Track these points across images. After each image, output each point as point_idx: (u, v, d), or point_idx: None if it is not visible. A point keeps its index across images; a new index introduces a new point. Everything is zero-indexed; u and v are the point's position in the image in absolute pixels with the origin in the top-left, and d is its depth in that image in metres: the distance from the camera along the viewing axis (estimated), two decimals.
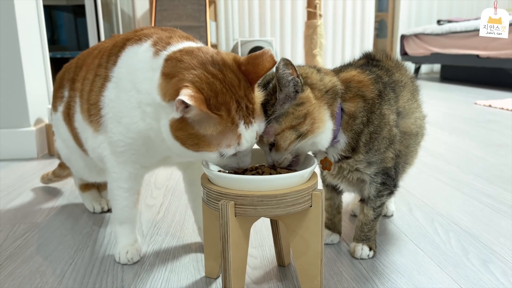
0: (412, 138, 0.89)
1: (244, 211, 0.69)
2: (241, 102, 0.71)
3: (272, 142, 0.77)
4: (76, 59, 1.06)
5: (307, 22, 3.51)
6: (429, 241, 0.99)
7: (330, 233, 0.98)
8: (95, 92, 0.89)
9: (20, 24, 1.71)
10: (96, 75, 0.90)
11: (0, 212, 1.22)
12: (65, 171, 1.36)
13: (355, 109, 0.80)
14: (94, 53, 0.98)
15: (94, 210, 1.21)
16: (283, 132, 0.75)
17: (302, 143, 0.76)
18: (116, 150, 0.87)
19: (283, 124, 0.75)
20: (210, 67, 0.72)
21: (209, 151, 0.71)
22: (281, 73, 0.73)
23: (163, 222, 1.13)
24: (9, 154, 1.75)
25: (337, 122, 0.79)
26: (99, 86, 0.88)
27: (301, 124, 0.75)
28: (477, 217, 1.12)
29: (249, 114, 0.72)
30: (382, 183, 0.86)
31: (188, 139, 0.71)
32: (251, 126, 0.72)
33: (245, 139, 0.71)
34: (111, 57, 0.89)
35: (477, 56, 4.00)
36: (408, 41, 5.16)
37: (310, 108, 0.75)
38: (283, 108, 0.75)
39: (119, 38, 0.93)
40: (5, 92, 1.73)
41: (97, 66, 0.91)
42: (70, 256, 0.95)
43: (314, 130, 0.75)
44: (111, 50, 0.91)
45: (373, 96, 0.81)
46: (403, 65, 0.95)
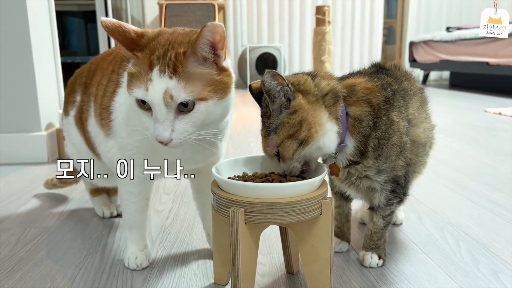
0: (421, 147, 0.89)
1: (254, 219, 0.69)
2: (168, 54, 0.70)
3: (276, 153, 0.78)
4: (89, 64, 1.08)
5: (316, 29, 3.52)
6: (438, 250, 0.99)
7: (339, 241, 0.98)
8: (107, 97, 0.90)
9: (33, 30, 1.74)
10: (109, 81, 0.92)
11: (11, 215, 1.23)
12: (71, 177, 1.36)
13: (360, 112, 0.80)
14: (109, 58, 0.99)
15: (104, 215, 1.21)
16: (283, 143, 0.76)
17: (307, 149, 0.76)
18: (125, 154, 0.88)
19: (282, 135, 0.76)
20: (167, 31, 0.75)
21: (128, 92, 0.72)
22: (267, 85, 0.74)
23: (172, 227, 1.14)
24: (20, 158, 1.78)
25: (343, 125, 0.79)
26: (111, 92, 0.90)
27: (299, 132, 0.75)
28: (487, 226, 1.11)
29: (168, 66, 0.69)
30: (392, 191, 0.85)
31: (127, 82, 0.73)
32: (164, 76, 0.69)
33: (152, 87, 0.69)
34: (123, 63, 0.91)
35: (487, 63, 3.98)
36: (417, 47, 5.15)
37: (304, 114, 0.75)
38: (278, 118, 0.76)
39: None
40: (17, 97, 1.76)
41: (110, 72, 0.93)
42: (80, 260, 0.96)
43: (313, 135, 0.76)
44: (123, 56, 0.92)
45: (379, 102, 0.81)
46: (412, 76, 0.95)
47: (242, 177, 0.81)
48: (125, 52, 0.74)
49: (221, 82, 0.73)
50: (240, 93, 4.54)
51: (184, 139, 0.72)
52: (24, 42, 1.72)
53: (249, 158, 0.86)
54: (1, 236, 1.09)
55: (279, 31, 5.29)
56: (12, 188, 1.48)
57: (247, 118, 2.92)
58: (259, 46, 4.93)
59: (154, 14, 4.97)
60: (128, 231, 0.96)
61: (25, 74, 1.74)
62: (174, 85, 0.69)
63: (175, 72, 0.69)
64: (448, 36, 4.55)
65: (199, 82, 0.71)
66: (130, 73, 0.73)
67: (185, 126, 0.71)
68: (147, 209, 0.96)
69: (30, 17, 1.72)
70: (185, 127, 0.71)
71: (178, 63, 0.70)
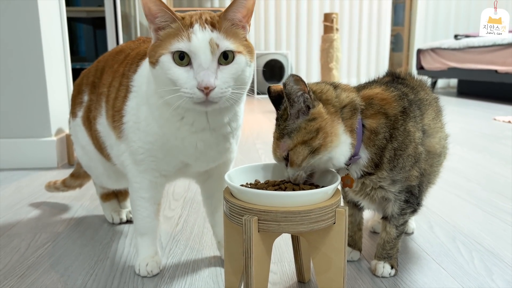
0: (436, 157, 0.88)
1: (267, 227, 0.69)
2: (203, 17, 0.76)
3: (285, 156, 0.77)
4: (96, 63, 1.09)
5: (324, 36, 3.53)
6: (451, 260, 0.97)
7: (350, 250, 0.98)
8: (120, 100, 0.92)
9: (44, 36, 1.76)
10: (120, 84, 0.93)
11: (22, 220, 1.23)
12: (76, 181, 1.36)
13: (376, 125, 0.80)
14: (119, 58, 1.00)
15: (113, 221, 1.21)
16: (296, 147, 0.75)
17: (316, 159, 0.76)
18: (137, 158, 0.89)
19: (295, 139, 0.75)
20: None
21: (161, 55, 0.74)
22: (288, 89, 0.74)
23: (181, 234, 1.14)
24: (30, 163, 1.79)
25: (358, 138, 0.79)
26: (123, 96, 0.91)
27: (313, 139, 0.75)
28: (500, 236, 1.10)
29: (206, 22, 0.74)
30: (405, 201, 0.85)
31: (149, 53, 0.77)
32: (205, 30, 0.73)
33: (196, 37, 0.72)
34: (132, 65, 0.93)
35: (496, 71, 3.95)
36: (424, 55, 5.14)
37: (322, 123, 0.75)
38: (295, 123, 0.76)
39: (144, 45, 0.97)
40: (28, 102, 1.77)
41: (121, 75, 0.95)
42: (91, 266, 0.96)
43: (327, 144, 0.75)
44: (133, 58, 0.94)
45: (396, 113, 0.81)
46: (427, 85, 0.95)
47: (255, 185, 0.80)
48: (163, 17, 0.76)
49: (249, 46, 0.79)
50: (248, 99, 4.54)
51: (224, 90, 0.74)
52: (36, 48, 1.74)
53: (261, 166, 0.86)
54: (12, 241, 1.09)
55: (287, 38, 5.31)
56: (23, 193, 1.48)
57: (255, 125, 2.93)
58: (266, 52, 4.94)
59: None
60: (139, 237, 0.96)
61: (36, 80, 1.76)
62: (216, 36, 0.74)
63: (214, 28, 0.75)
64: (456, 44, 4.54)
65: (235, 38, 0.77)
66: (164, 34, 0.76)
67: (226, 77, 0.74)
68: (158, 214, 0.97)
69: (42, 23, 1.74)
70: (226, 78, 0.74)
71: (215, 22, 0.75)
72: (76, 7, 4.44)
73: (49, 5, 1.82)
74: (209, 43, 0.72)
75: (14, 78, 1.75)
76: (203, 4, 5.17)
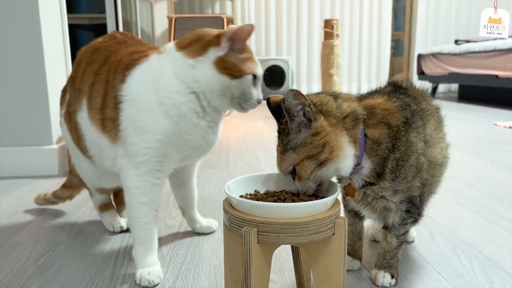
0: (437, 168, 0.88)
1: (267, 238, 0.69)
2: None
3: (291, 170, 0.78)
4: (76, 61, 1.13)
5: (324, 42, 3.54)
6: (452, 269, 0.97)
7: (350, 259, 0.97)
8: (110, 109, 0.97)
9: (46, 43, 1.77)
10: (106, 92, 0.98)
11: (23, 229, 1.24)
12: (67, 191, 1.37)
13: (379, 135, 0.80)
14: (99, 59, 1.06)
15: (114, 230, 1.22)
16: (302, 162, 0.76)
17: (323, 170, 0.76)
18: (137, 161, 0.93)
19: (301, 154, 0.75)
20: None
21: (247, 74, 0.93)
22: (287, 104, 0.74)
23: (182, 243, 1.14)
24: (31, 171, 1.79)
25: (361, 148, 0.79)
26: (112, 106, 0.96)
27: (320, 153, 0.75)
28: (500, 244, 1.10)
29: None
30: (407, 211, 0.85)
31: (232, 67, 0.92)
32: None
33: (258, 65, 0.97)
34: (117, 74, 0.98)
35: (496, 76, 3.96)
36: (425, 60, 5.15)
37: (327, 137, 0.75)
38: (298, 137, 0.76)
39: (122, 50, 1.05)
40: (29, 110, 1.78)
41: (105, 82, 1.00)
42: (92, 276, 0.96)
43: (333, 158, 0.75)
44: (117, 66, 1.00)
45: (399, 124, 0.81)
46: (429, 95, 0.95)
47: (254, 196, 0.81)
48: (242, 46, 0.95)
49: None
50: None
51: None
52: (37, 55, 1.75)
53: (261, 176, 0.86)
54: (13, 251, 1.09)
55: (287, 44, 5.33)
56: (24, 201, 1.49)
57: (256, 131, 2.93)
58: (267, 58, 4.95)
59: (164, 27, 5.03)
60: (138, 246, 0.96)
61: (38, 87, 1.77)
62: None
63: None
64: (457, 49, 4.55)
65: None
66: (243, 58, 0.95)
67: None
68: (156, 221, 0.98)
69: (44, 30, 1.75)
70: None
71: None
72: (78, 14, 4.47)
73: (51, 12, 1.84)
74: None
75: (15, 85, 1.76)
76: (204, 10, 5.20)
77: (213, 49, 0.93)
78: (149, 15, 4.87)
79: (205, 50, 0.93)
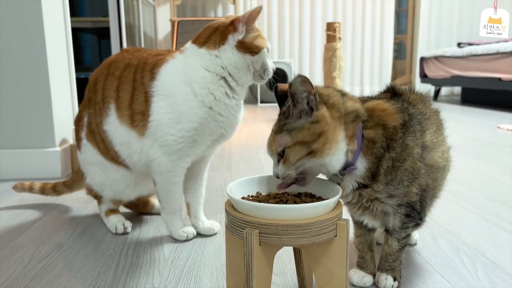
0: (439, 172, 0.87)
1: (268, 240, 0.69)
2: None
3: (280, 153, 0.78)
4: (87, 87, 1.22)
5: (327, 45, 3.54)
6: (455, 272, 0.97)
7: (362, 274, 0.92)
8: (139, 103, 1.08)
9: (49, 47, 1.78)
10: (134, 88, 1.10)
11: (26, 232, 1.24)
12: (65, 190, 1.45)
13: (374, 135, 0.80)
14: (119, 66, 1.14)
15: (117, 231, 1.22)
16: (294, 146, 0.76)
17: (311, 162, 0.76)
18: (171, 149, 1.06)
19: (295, 138, 0.76)
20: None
21: (262, 48, 1.06)
22: (293, 89, 0.75)
23: (184, 246, 1.14)
24: (34, 174, 1.79)
25: (358, 145, 0.79)
26: (142, 99, 1.08)
27: (314, 142, 0.75)
28: (504, 247, 1.09)
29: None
30: (406, 215, 0.84)
31: (251, 46, 1.05)
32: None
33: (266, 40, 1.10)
34: (144, 73, 1.10)
35: (499, 79, 3.95)
36: (427, 63, 5.15)
37: (326, 127, 0.75)
38: (297, 122, 0.76)
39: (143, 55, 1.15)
40: (33, 113, 1.79)
41: (132, 80, 1.10)
42: (93, 279, 0.96)
43: (324, 151, 0.76)
44: (143, 67, 1.11)
45: (396, 125, 0.80)
46: (428, 99, 0.94)
47: (256, 197, 0.81)
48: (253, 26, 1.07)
49: None
50: (251, 108, 4.56)
51: None
52: (40, 58, 1.75)
53: (263, 178, 0.86)
54: (15, 253, 1.09)
55: (290, 46, 5.33)
56: (26, 204, 1.49)
57: (258, 134, 2.93)
58: None
59: (166, 30, 5.05)
60: (171, 215, 1.16)
61: (41, 89, 1.77)
62: None
63: None
64: (460, 52, 4.54)
65: None
66: (255, 36, 1.07)
67: None
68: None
69: (47, 33, 1.76)
70: None
71: None
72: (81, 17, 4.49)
73: (54, 15, 1.84)
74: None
75: (18, 88, 1.77)
76: (207, 14, 5.21)
77: (231, 36, 1.05)
78: (152, 18, 4.89)
79: (225, 38, 1.05)
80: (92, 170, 1.23)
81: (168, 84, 1.06)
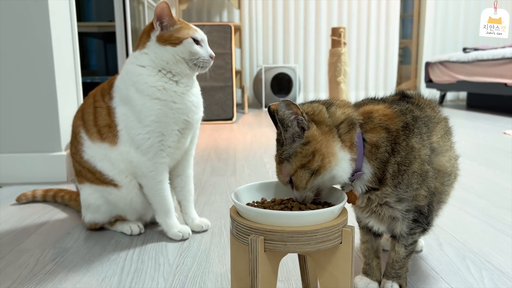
0: (446, 176, 0.87)
1: (273, 247, 0.69)
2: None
3: (289, 181, 0.78)
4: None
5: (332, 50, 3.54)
6: (461, 279, 0.96)
7: (368, 281, 0.92)
8: (102, 118, 1.19)
9: (56, 51, 1.79)
10: (95, 108, 1.21)
11: (31, 236, 1.24)
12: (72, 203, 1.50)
13: (377, 139, 0.80)
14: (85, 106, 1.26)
15: (132, 232, 1.25)
16: (296, 172, 0.76)
17: (319, 179, 0.76)
18: (144, 147, 1.14)
19: (294, 164, 0.76)
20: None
21: (185, 39, 1.14)
22: (281, 115, 0.75)
23: (188, 250, 1.14)
24: (40, 178, 1.81)
25: (359, 152, 0.79)
26: (105, 114, 1.19)
27: (311, 162, 0.75)
28: (510, 254, 1.09)
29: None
30: (414, 220, 0.84)
31: (170, 38, 1.14)
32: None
33: (197, 30, 1.19)
34: (104, 96, 1.22)
35: (505, 84, 3.93)
36: (433, 68, 5.13)
37: (317, 145, 0.75)
38: (291, 148, 0.76)
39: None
40: (39, 117, 1.80)
41: (93, 103, 1.22)
42: (99, 283, 0.96)
43: (325, 165, 0.75)
44: (101, 93, 1.24)
45: (398, 128, 0.80)
46: (436, 104, 0.94)
47: (261, 203, 0.81)
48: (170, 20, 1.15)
49: None
50: (256, 112, 4.57)
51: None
52: (47, 62, 1.77)
53: (268, 184, 0.86)
54: (21, 257, 1.10)
55: (295, 51, 5.34)
56: (33, 208, 1.50)
57: (263, 138, 2.93)
58: (275, 66, 4.97)
59: None
60: (164, 215, 1.22)
61: (47, 94, 1.79)
62: None
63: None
64: (465, 57, 4.53)
65: None
66: (177, 28, 1.16)
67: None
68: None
69: (54, 38, 1.78)
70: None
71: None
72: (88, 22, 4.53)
73: (61, 20, 1.86)
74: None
75: (25, 92, 1.78)
76: (212, 19, 5.23)
77: (152, 33, 1.16)
78: None
79: (148, 37, 1.17)
80: (95, 205, 1.24)
81: (122, 93, 1.17)
